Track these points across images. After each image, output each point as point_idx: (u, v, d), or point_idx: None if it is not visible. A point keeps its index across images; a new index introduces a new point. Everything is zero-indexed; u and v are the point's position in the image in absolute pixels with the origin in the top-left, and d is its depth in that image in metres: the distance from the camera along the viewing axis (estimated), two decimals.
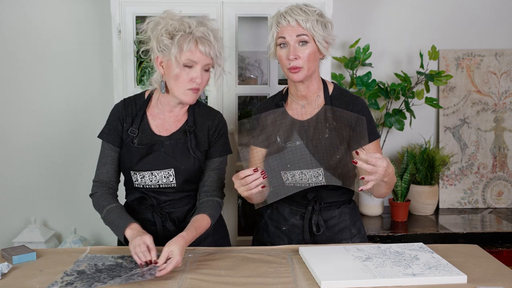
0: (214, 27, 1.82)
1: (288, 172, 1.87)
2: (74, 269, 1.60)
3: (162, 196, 1.88)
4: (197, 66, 1.77)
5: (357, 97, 1.91)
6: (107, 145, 1.89)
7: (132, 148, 1.85)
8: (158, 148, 1.85)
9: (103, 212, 1.81)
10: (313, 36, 1.79)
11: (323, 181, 1.85)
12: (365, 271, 1.52)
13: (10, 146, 2.85)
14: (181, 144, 1.87)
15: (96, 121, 2.83)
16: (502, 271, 1.59)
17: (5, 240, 2.85)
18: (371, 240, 2.54)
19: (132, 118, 1.90)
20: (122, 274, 1.56)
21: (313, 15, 1.79)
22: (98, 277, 1.54)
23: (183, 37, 1.74)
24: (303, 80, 1.84)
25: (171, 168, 1.85)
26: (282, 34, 1.80)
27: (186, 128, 1.89)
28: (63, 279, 1.53)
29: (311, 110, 1.91)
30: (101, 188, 1.86)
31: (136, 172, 1.85)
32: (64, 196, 2.90)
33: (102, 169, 1.88)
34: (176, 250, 1.59)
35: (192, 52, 1.75)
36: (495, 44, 3.03)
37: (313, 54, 1.81)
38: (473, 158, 3.03)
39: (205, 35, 1.76)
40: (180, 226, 1.87)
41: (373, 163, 1.59)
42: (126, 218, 1.76)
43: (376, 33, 2.96)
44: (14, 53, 2.80)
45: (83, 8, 2.79)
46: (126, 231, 1.71)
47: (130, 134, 1.87)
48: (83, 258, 1.70)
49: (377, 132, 1.91)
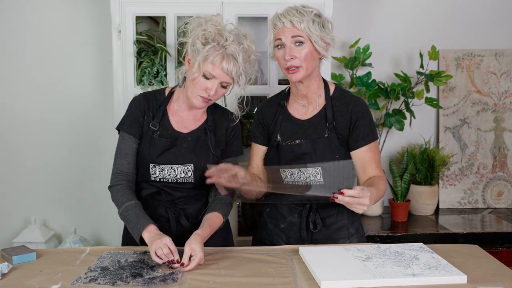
0: (251, 46, 1.81)
1: (287, 170, 1.89)
2: (98, 265, 1.63)
3: (177, 192, 1.90)
4: (215, 80, 1.78)
5: (357, 98, 1.92)
6: (128, 136, 1.89)
7: (155, 140, 1.87)
8: (180, 143, 1.88)
9: (121, 208, 1.81)
10: (309, 36, 1.79)
11: (321, 180, 1.86)
12: (365, 271, 1.52)
13: (10, 146, 2.85)
14: (202, 141, 1.89)
15: (96, 121, 2.83)
16: (502, 271, 1.59)
17: (5, 240, 2.85)
18: (371, 240, 2.54)
19: (153, 112, 1.91)
20: (143, 272, 1.57)
21: (309, 15, 1.79)
22: (120, 275, 1.55)
23: (214, 48, 1.75)
24: (302, 80, 1.85)
25: (191, 164, 1.87)
26: (278, 36, 1.82)
27: (206, 126, 1.91)
28: (87, 275, 1.55)
29: (312, 110, 1.92)
30: (122, 181, 1.86)
31: (156, 165, 1.86)
32: (64, 196, 2.90)
33: (122, 160, 1.88)
34: (197, 248, 1.64)
35: (214, 66, 1.75)
36: (495, 44, 3.03)
37: (310, 54, 1.81)
38: (473, 158, 3.03)
39: (235, 53, 1.76)
40: (193, 223, 1.89)
41: (356, 202, 1.61)
42: (144, 219, 1.77)
43: (376, 33, 2.96)
44: (14, 53, 2.80)
45: (83, 8, 2.79)
46: (144, 234, 1.73)
47: (151, 127, 1.88)
48: (106, 254, 1.72)
49: (376, 134, 1.91)
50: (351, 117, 1.88)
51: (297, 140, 1.90)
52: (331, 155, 1.86)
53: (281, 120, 1.94)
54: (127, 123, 1.90)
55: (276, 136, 1.93)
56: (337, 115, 1.89)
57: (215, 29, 1.76)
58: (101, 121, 2.82)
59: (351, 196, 1.60)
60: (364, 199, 1.60)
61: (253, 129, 2.03)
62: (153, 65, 2.47)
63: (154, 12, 2.48)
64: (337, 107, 1.90)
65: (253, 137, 2.02)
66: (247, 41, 1.80)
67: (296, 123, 1.93)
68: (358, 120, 1.87)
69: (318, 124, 1.90)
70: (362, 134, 1.87)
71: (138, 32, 2.50)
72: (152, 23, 2.71)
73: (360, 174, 1.91)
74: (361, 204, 1.61)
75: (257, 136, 2.00)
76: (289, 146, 1.89)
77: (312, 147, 1.86)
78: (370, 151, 1.88)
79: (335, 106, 1.90)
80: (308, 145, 1.87)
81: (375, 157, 1.89)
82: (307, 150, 1.87)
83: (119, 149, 1.90)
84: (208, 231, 1.76)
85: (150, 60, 2.47)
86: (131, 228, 1.78)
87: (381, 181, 1.83)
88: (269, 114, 1.98)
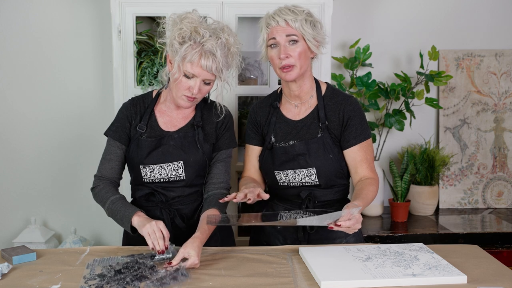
0: (230, 39, 1.79)
1: (281, 171, 1.89)
2: (93, 274, 1.58)
3: (170, 192, 1.90)
4: (197, 78, 1.77)
5: (349, 97, 1.93)
6: (113, 142, 1.90)
7: (141, 141, 1.87)
8: (167, 141, 1.87)
9: (107, 203, 1.81)
10: (302, 35, 1.81)
11: (316, 181, 1.87)
12: (365, 271, 1.52)
13: (10, 146, 2.85)
14: (189, 137, 1.89)
15: (96, 121, 2.83)
16: (502, 271, 1.59)
17: (5, 240, 2.85)
18: (371, 240, 2.54)
19: (141, 115, 1.92)
20: (146, 273, 1.55)
21: (302, 14, 1.81)
22: (123, 279, 1.52)
23: (191, 47, 1.74)
24: (296, 79, 1.86)
25: (180, 161, 1.86)
26: (272, 35, 1.82)
27: (194, 122, 1.91)
28: (88, 283, 1.50)
29: (305, 110, 1.93)
30: (103, 182, 1.88)
31: (146, 166, 1.86)
32: (64, 196, 2.90)
33: (105, 165, 1.89)
34: (192, 252, 1.62)
35: (193, 65, 1.75)
36: (495, 44, 3.03)
37: (304, 52, 1.82)
38: (473, 158, 3.03)
39: (212, 49, 1.74)
40: (189, 223, 1.89)
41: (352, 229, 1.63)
42: (132, 208, 1.78)
43: (376, 33, 2.96)
44: (14, 53, 2.80)
45: (83, 8, 2.79)
46: (134, 218, 1.73)
47: (138, 130, 1.89)
48: (92, 262, 1.67)
49: (367, 133, 1.91)
50: (343, 116, 1.88)
51: (290, 141, 1.91)
52: (325, 155, 1.87)
53: (274, 121, 1.95)
54: (113, 128, 1.92)
55: (270, 138, 1.94)
56: (329, 115, 1.89)
57: (191, 27, 1.75)
58: (101, 121, 2.81)
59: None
60: (357, 224, 1.62)
61: (247, 130, 2.02)
62: (153, 65, 2.47)
63: (154, 12, 2.48)
64: (329, 106, 1.90)
65: (247, 139, 2.02)
66: (225, 35, 1.78)
67: (289, 124, 1.93)
68: (350, 119, 1.88)
69: (311, 124, 1.91)
70: (354, 133, 1.87)
71: (138, 32, 2.50)
72: (152, 23, 2.71)
73: (352, 174, 1.91)
74: (355, 228, 1.63)
75: (252, 137, 2.00)
76: (283, 148, 1.90)
77: (305, 148, 1.87)
78: (361, 150, 1.88)
79: (327, 105, 1.91)
80: (301, 146, 1.87)
81: (367, 157, 1.89)
82: (301, 151, 1.87)
83: (104, 154, 1.92)
84: (207, 233, 1.75)
85: (150, 60, 2.48)
86: (120, 219, 1.78)
87: (370, 187, 1.82)
88: (263, 115, 1.99)
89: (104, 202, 1.83)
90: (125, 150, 1.91)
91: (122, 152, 1.91)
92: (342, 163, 1.90)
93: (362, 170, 1.87)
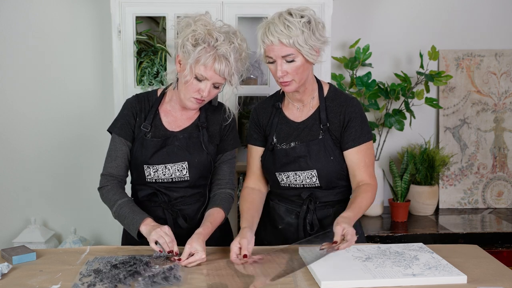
0: (242, 44, 1.79)
1: (282, 173, 1.89)
2: (89, 269, 1.59)
3: (173, 192, 1.90)
4: (208, 81, 1.77)
5: (352, 98, 1.91)
6: (118, 139, 1.89)
7: (146, 141, 1.86)
8: (171, 142, 1.87)
9: (115, 207, 1.81)
10: (299, 50, 1.74)
11: (317, 183, 1.86)
12: (365, 271, 1.52)
13: (10, 146, 2.85)
14: (194, 138, 1.89)
15: (96, 121, 2.83)
16: (502, 271, 1.59)
17: (5, 240, 2.85)
18: (371, 240, 2.54)
19: (145, 113, 1.91)
20: (139, 269, 1.55)
21: (297, 27, 1.71)
22: (117, 275, 1.52)
23: (205, 50, 1.73)
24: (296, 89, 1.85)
25: (184, 161, 1.86)
26: (267, 53, 1.78)
27: (199, 123, 1.91)
28: (82, 280, 1.51)
29: (306, 112, 1.92)
30: (111, 182, 1.86)
31: (150, 166, 1.86)
32: (64, 196, 2.90)
33: (112, 163, 1.88)
34: (198, 247, 1.65)
35: (206, 68, 1.74)
36: (495, 44, 3.03)
37: (301, 66, 1.78)
38: (473, 158, 3.03)
39: (226, 54, 1.73)
40: (191, 224, 1.89)
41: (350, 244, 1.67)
42: (140, 213, 1.77)
43: (376, 33, 2.96)
44: (14, 53, 2.80)
45: (83, 8, 2.79)
46: (141, 227, 1.73)
47: (142, 129, 1.88)
48: (92, 260, 1.68)
49: (368, 136, 1.88)
50: (344, 118, 1.87)
51: (292, 142, 1.90)
52: (326, 157, 1.86)
53: (277, 122, 1.94)
54: (118, 125, 1.90)
55: (272, 139, 1.93)
56: (331, 116, 1.88)
57: (205, 30, 1.74)
58: (101, 121, 2.81)
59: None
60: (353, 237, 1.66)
61: (250, 131, 2.01)
62: (153, 65, 2.47)
63: (154, 12, 2.48)
64: (331, 108, 1.89)
65: (250, 139, 2.00)
66: (238, 40, 1.78)
67: (291, 125, 1.92)
68: (350, 121, 1.86)
69: (313, 125, 1.90)
70: (353, 135, 1.85)
71: (138, 32, 2.50)
72: (152, 23, 2.70)
73: (350, 177, 1.90)
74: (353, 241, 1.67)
75: (255, 137, 1.99)
76: (284, 150, 1.89)
77: (306, 150, 1.86)
78: (359, 153, 1.86)
79: (329, 107, 1.89)
80: (302, 148, 1.86)
81: (365, 160, 1.86)
82: (302, 153, 1.86)
83: (109, 151, 1.89)
84: (210, 229, 1.76)
85: (150, 60, 2.48)
86: (128, 225, 1.77)
87: (364, 194, 1.81)
88: (265, 116, 1.97)
89: (111, 205, 1.82)
90: (130, 147, 1.89)
91: (128, 149, 1.89)
92: (343, 165, 1.89)
93: (359, 173, 1.86)
